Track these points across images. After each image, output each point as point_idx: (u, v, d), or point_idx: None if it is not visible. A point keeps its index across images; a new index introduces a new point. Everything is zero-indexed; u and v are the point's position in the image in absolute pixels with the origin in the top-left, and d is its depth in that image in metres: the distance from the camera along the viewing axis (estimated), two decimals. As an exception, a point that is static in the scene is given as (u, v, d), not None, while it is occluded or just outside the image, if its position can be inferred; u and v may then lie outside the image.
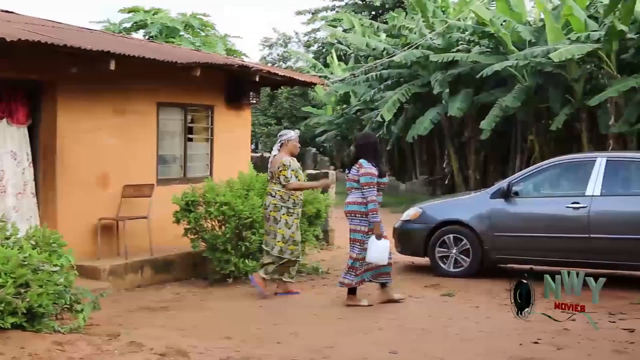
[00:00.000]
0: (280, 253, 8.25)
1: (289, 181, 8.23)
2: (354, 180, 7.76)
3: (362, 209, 7.69)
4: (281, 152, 8.42)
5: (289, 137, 8.48)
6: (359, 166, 7.73)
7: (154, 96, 10.01)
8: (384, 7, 35.85)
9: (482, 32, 19.40)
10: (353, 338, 6.53)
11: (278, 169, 8.26)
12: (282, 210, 8.24)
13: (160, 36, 23.24)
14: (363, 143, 7.98)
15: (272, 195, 8.29)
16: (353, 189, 7.80)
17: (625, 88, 16.03)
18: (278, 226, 8.23)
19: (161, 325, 6.96)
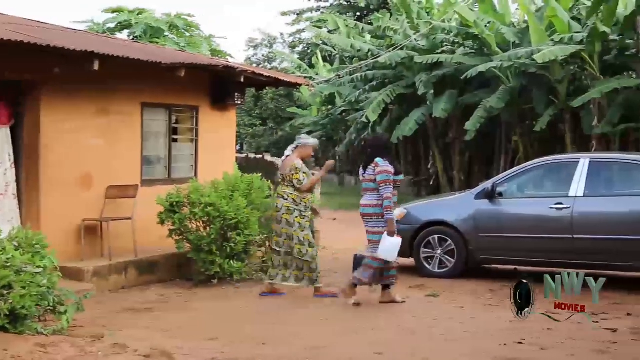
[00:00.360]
0: (300, 255, 8.31)
1: (302, 184, 8.28)
2: (371, 180, 7.82)
3: (379, 210, 7.74)
4: (293, 155, 8.45)
5: (308, 143, 8.55)
6: (375, 165, 7.79)
7: (138, 96, 9.96)
8: (369, 8, 35.95)
9: (467, 33, 19.49)
10: (339, 339, 6.52)
11: (290, 172, 8.28)
12: (295, 213, 8.29)
13: (145, 36, 23.14)
14: (375, 144, 8.11)
15: (284, 198, 8.32)
16: (369, 189, 7.86)
17: (608, 89, 16.15)
18: (293, 229, 8.29)
19: (145, 326, 6.93)
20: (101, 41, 10.93)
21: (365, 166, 7.97)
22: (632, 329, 6.74)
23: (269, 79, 11.61)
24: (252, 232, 9.21)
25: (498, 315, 7.50)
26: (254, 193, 9.61)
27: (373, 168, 7.80)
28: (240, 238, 9.04)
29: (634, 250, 8.49)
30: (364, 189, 7.93)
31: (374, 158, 7.84)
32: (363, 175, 7.96)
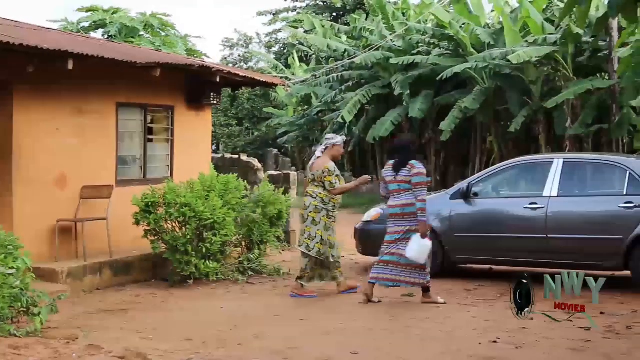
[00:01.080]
0: (318, 255, 8.34)
1: (334, 187, 8.35)
2: (406, 181, 7.91)
3: (415, 209, 7.86)
4: (324, 156, 8.49)
5: (336, 141, 8.56)
6: (410, 167, 7.91)
7: (113, 96, 9.90)
8: (345, 8, 35.99)
9: (442, 34, 19.60)
10: (315, 339, 6.53)
11: (322, 174, 8.32)
12: (322, 212, 8.34)
13: (120, 36, 22.99)
14: (405, 146, 8.20)
15: (312, 197, 8.36)
16: (403, 190, 7.94)
17: (581, 90, 16.32)
18: (317, 228, 8.33)
19: (120, 327, 6.88)
20: (75, 40, 10.84)
21: (397, 167, 8.03)
22: (605, 327, 6.81)
23: (245, 79, 11.60)
24: (228, 232, 9.19)
25: (474, 314, 7.55)
26: (230, 193, 9.59)
27: (408, 169, 7.91)
28: (216, 238, 9.01)
29: (606, 249, 8.59)
30: (397, 189, 8.00)
31: (405, 159, 7.96)
32: (394, 176, 8.03)
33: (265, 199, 10.03)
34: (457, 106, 18.91)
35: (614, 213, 8.67)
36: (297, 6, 40.71)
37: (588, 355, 6.00)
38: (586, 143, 17.41)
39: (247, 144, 34.94)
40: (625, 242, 8.51)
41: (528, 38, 17.46)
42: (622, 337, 6.52)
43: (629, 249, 8.52)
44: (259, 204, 9.97)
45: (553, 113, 17.68)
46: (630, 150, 16.42)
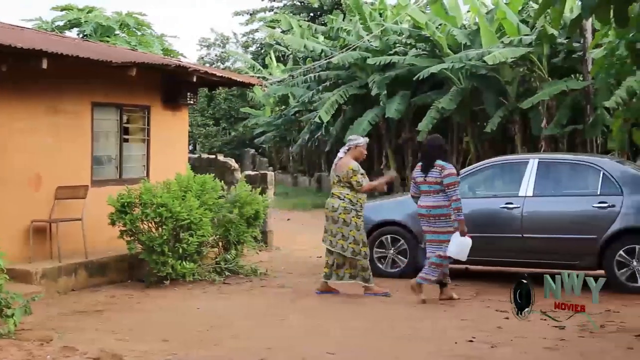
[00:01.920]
0: (353, 254, 8.37)
1: (361, 185, 8.39)
2: (436, 182, 8.02)
3: (447, 211, 7.99)
4: (347, 156, 8.54)
5: (359, 142, 8.63)
6: (441, 168, 8.02)
7: (88, 96, 9.82)
8: (322, 9, 36.03)
9: (418, 35, 19.68)
10: (292, 339, 6.52)
11: (348, 174, 8.37)
12: (351, 213, 8.38)
13: (95, 35, 22.81)
14: (435, 145, 8.30)
15: (340, 199, 8.40)
16: (433, 191, 8.06)
17: (556, 91, 16.46)
18: (349, 228, 8.36)
19: (95, 328, 6.83)
20: (50, 39, 10.75)
21: (425, 168, 8.11)
22: (579, 326, 6.87)
23: (222, 78, 11.57)
24: (205, 232, 9.15)
25: (450, 314, 7.59)
26: (207, 193, 9.56)
27: (439, 171, 8.01)
28: (192, 239, 8.97)
29: (580, 249, 8.67)
30: (427, 190, 8.10)
31: (434, 160, 8.06)
32: (424, 177, 8.12)
33: (242, 199, 10.01)
34: (433, 106, 18.99)
35: (588, 213, 8.77)
36: (274, 6, 40.67)
37: (563, 353, 6.05)
38: (561, 143, 17.56)
39: (224, 144, 34.84)
40: (599, 242, 8.61)
41: (504, 39, 17.58)
42: (596, 335, 6.59)
43: (602, 248, 8.62)
44: (236, 204, 9.95)
45: (529, 113, 17.81)
46: (604, 151, 16.60)
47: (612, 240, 8.60)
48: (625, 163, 9.95)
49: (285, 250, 12.32)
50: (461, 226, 7.96)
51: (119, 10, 25.98)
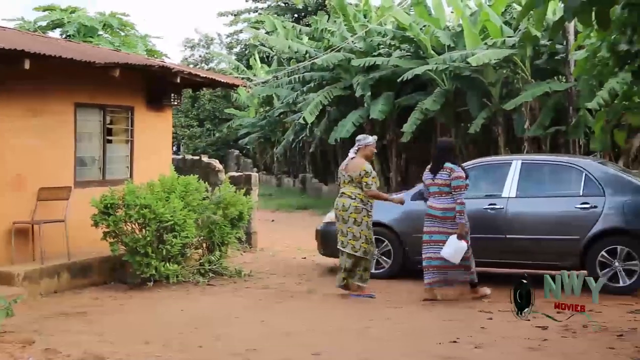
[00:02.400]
0: (365, 254, 8.41)
1: (370, 188, 8.41)
2: (445, 184, 8.16)
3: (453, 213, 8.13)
4: (358, 156, 8.58)
5: (368, 142, 8.68)
6: (449, 170, 8.17)
7: (71, 96, 9.77)
8: (307, 10, 36.05)
9: (402, 36, 19.71)
10: (276, 340, 6.52)
11: (359, 175, 8.40)
12: (362, 212, 8.42)
13: (78, 35, 22.65)
14: (444, 147, 8.51)
15: (352, 198, 8.43)
16: (443, 193, 8.20)
17: (539, 92, 16.55)
18: (360, 228, 8.40)
19: (78, 330, 6.79)
20: (32, 40, 10.67)
21: (434, 170, 8.27)
22: (562, 326, 6.91)
23: (206, 79, 11.54)
24: (189, 234, 9.13)
25: (433, 315, 7.61)
26: (191, 195, 9.53)
27: (448, 173, 8.16)
28: (176, 240, 8.95)
29: (563, 249, 8.73)
30: (436, 192, 8.25)
31: (442, 162, 8.21)
32: (432, 179, 8.26)
33: (226, 200, 9.99)
34: (417, 107, 19.03)
35: (570, 213, 8.83)
36: (258, 7, 40.65)
37: (546, 354, 6.09)
38: (544, 144, 17.65)
39: (208, 145, 34.77)
40: (581, 242, 8.67)
41: (487, 41, 17.63)
42: (578, 336, 6.63)
43: (585, 248, 8.68)
44: (220, 206, 9.92)
45: (512, 115, 17.89)
46: (586, 152, 16.70)
47: (595, 240, 8.66)
48: (607, 164, 10.03)
49: (269, 252, 12.31)
50: (460, 229, 8.10)
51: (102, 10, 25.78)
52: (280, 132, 29.25)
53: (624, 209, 8.66)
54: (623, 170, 10.23)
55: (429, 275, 8.28)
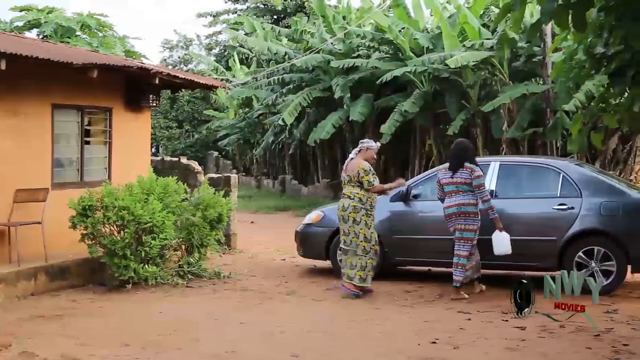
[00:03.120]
0: (364, 252, 8.52)
1: (372, 185, 8.55)
2: (466, 183, 8.40)
3: (475, 209, 8.39)
4: (358, 157, 8.70)
5: (370, 145, 8.83)
6: (471, 170, 8.43)
7: (48, 97, 9.69)
8: (286, 11, 36.05)
9: (381, 38, 19.77)
10: (255, 342, 6.51)
11: (359, 174, 8.52)
12: (361, 212, 8.51)
13: (55, 36, 22.47)
14: (463, 147, 8.73)
15: (350, 198, 8.54)
16: (462, 191, 8.42)
17: (517, 94, 16.67)
18: (359, 227, 8.52)
19: (56, 333, 6.74)
20: (9, 40, 10.56)
21: (454, 169, 8.48)
22: (539, 326, 6.97)
23: (185, 81, 11.49)
24: (168, 235, 9.09)
25: (413, 315, 7.64)
26: (170, 196, 9.49)
27: (469, 172, 8.41)
28: (155, 242, 8.90)
29: (541, 250, 8.79)
30: (454, 190, 8.46)
31: (462, 162, 8.47)
32: (450, 177, 8.49)
33: (206, 202, 9.96)
34: (397, 109, 19.09)
35: (548, 215, 8.89)
36: (237, 8, 40.61)
37: (524, 354, 6.13)
38: (522, 146, 17.78)
39: (187, 147, 34.65)
40: (559, 243, 8.73)
41: (466, 43, 17.74)
42: (556, 336, 6.69)
43: (562, 249, 8.74)
44: (199, 207, 9.89)
45: (490, 116, 18.01)
46: (563, 154, 16.84)
47: (572, 241, 8.73)
48: (584, 166, 10.11)
49: (248, 253, 12.28)
50: (497, 223, 8.39)
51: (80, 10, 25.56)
52: (259, 134, 29.22)
53: (601, 210, 8.73)
54: (600, 171, 10.34)
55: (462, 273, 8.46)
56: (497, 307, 7.93)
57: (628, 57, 5.76)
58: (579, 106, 14.51)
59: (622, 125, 7.45)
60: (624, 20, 5.20)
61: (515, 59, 17.83)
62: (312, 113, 23.37)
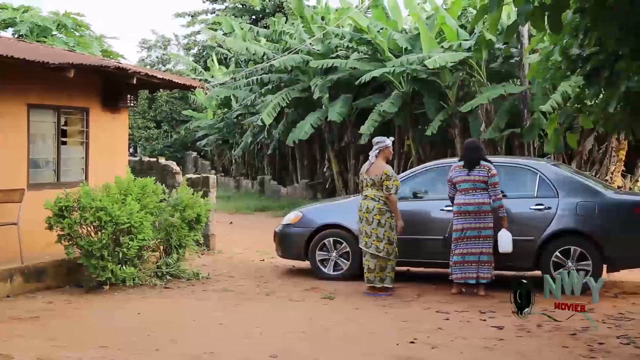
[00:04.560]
0: (387, 254, 8.62)
1: (390, 192, 8.63)
2: (482, 181, 8.59)
3: (490, 207, 8.58)
4: (379, 159, 8.80)
5: (387, 144, 8.94)
6: (487, 168, 8.62)
7: (24, 97, 9.60)
8: (264, 12, 35.97)
9: (360, 38, 19.80)
10: (233, 343, 6.50)
11: (381, 178, 8.66)
12: (386, 214, 8.64)
13: (31, 35, 22.26)
14: (476, 147, 8.98)
15: (375, 200, 8.65)
16: (478, 189, 8.60)
17: (495, 95, 16.76)
18: (384, 229, 8.63)
19: (32, 335, 6.68)
20: (-16, 39, 10.47)
21: (470, 167, 8.63)
22: (517, 325, 7.03)
23: (163, 81, 11.42)
24: (146, 236, 9.04)
25: (392, 315, 7.66)
26: (148, 197, 9.44)
27: (486, 170, 8.60)
28: (133, 243, 8.85)
29: (518, 250, 8.83)
30: (470, 188, 8.61)
31: (479, 160, 8.65)
32: (466, 175, 8.63)
33: (184, 202, 9.92)
34: (375, 110, 19.13)
35: (525, 215, 8.96)
36: (215, 8, 40.46)
37: (502, 353, 6.17)
38: (499, 147, 17.87)
39: (165, 147, 34.47)
40: (536, 243, 8.80)
41: (444, 44, 17.81)
42: (533, 335, 6.75)
43: (539, 249, 8.82)
44: (178, 208, 9.85)
45: (468, 117, 18.09)
46: (540, 154, 16.96)
47: (549, 241, 8.81)
48: (561, 166, 10.20)
49: (227, 254, 12.25)
50: (505, 222, 8.59)
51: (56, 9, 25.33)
52: (238, 134, 29.13)
53: (577, 210, 8.83)
54: (576, 172, 10.43)
55: (463, 271, 8.58)
56: (475, 306, 7.98)
57: (603, 58, 5.82)
58: (555, 107, 14.62)
59: (598, 126, 7.53)
60: (599, 22, 5.26)
61: (492, 60, 17.94)
62: (290, 113, 23.35)
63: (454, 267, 8.66)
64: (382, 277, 8.68)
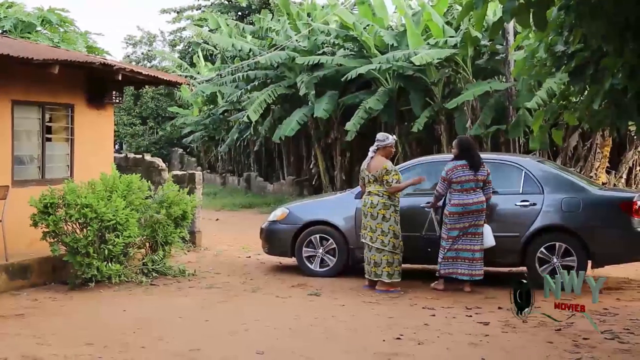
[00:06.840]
0: (393, 248, 8.72)
1: (390, 185, 8.72)
2: (483, 180, 8.69)
3: (485, 205, 8.70)
4: (378, 156, 8.90)
5: (388, 143, 9.00)
6: (486, 167, 8.76)
7: (8, 94, 9.54)
8: (250, 8, 35.88)
9: (346, 35, 19.80)
10: (220, 340, 6.49)
11: (381, 173, 8.74)
12: (391, 209, 8.75)
13: (15, 31, 22.08)
14: (473, 145, 9.15)
15: (379, 195, 8.74)
16: (478, 188, 8.70)
17: (481, 92, 16.81)
18: (389, 223, 8.72)
19: (16, 333, 6.64)
20: (-33, 35, 10.39)
21: (477, 166, 8.69)
22: (502, 321, 7.06)
23: (148, 77, 11.38)
24: (131, 233, 9.00)
25: (378, 312, 7.68)
26: (133, 194, 9.41)
27: (486, 170, 8.73)
28: (118, 240, 8.82)
29: (504, 246, 8.88)
30: (472, 188, 8.66)
31: (480, 159, 8.73)
32: (474, 175, 8.66)
33: (170, 199, 9.89)
34: (361, 106, 19.12)
35: (511, 211, 9.01)
36: (201, 4, 40.30)
37: (487, 349, 6.20)
38: (485, 143, 17.92)
39: (151, 144, 34.34)
40: (522, 239, 8.85)
41: (430, 40, 17.84)
42: (518, 331, 6.78)
43: (525, 245, 8.86)
44: (163, 205, 9.82)
45: (454, 114, 18.13)
46: (526, 151, 17.02)
47: (534, 237, 8.86)
48: (546, 162, 10.26)
49: (213, 251, 12.23)
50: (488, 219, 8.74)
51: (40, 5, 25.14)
52: (224, 131, 29.07)
53: (562, 206, 8.88)
54: (561, 168, 10.48)
55: (455, 267, 8.65)
56: (461, 302, 8.02)
57: (587, 55, 5.85)
58: (540, 104, 14.69)
59: (582, 122, 7.57)
60: (584, 19, 5.28)
61: (478, 57, 17.99)
62: (277, 110, 23.32)
63: (444, 262, 8.68)
64: (390, 272, 8.71)
